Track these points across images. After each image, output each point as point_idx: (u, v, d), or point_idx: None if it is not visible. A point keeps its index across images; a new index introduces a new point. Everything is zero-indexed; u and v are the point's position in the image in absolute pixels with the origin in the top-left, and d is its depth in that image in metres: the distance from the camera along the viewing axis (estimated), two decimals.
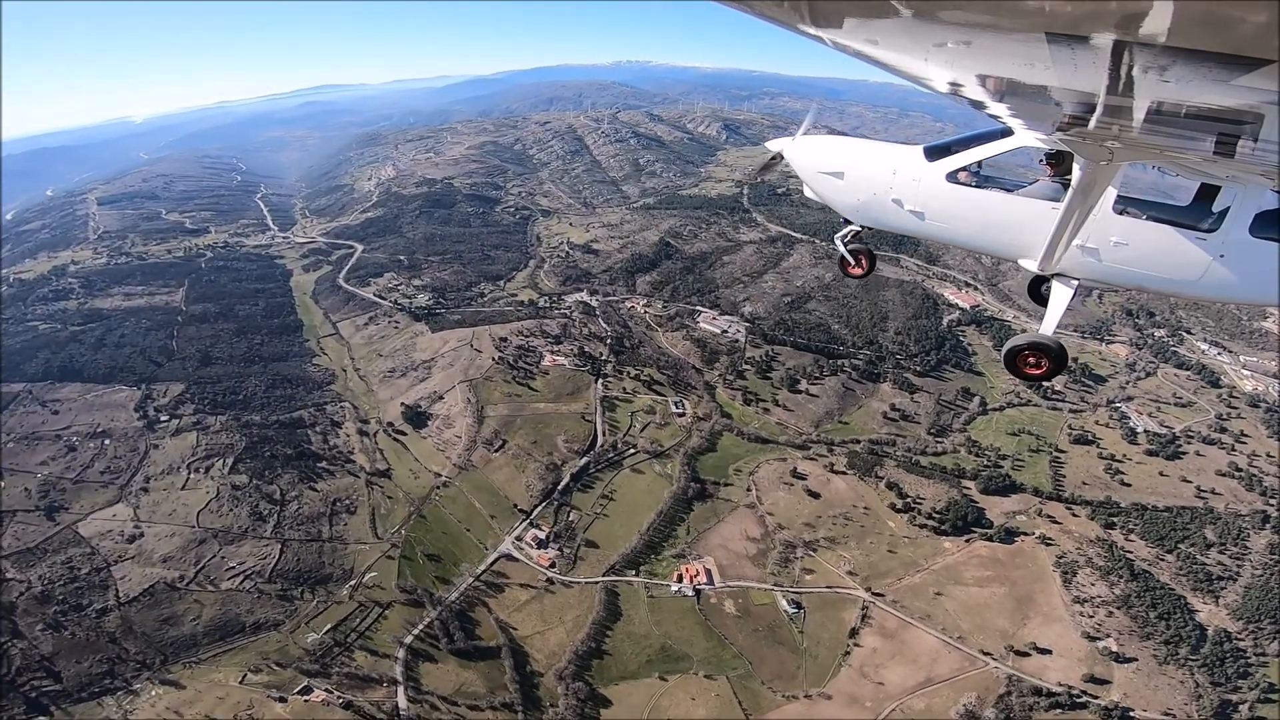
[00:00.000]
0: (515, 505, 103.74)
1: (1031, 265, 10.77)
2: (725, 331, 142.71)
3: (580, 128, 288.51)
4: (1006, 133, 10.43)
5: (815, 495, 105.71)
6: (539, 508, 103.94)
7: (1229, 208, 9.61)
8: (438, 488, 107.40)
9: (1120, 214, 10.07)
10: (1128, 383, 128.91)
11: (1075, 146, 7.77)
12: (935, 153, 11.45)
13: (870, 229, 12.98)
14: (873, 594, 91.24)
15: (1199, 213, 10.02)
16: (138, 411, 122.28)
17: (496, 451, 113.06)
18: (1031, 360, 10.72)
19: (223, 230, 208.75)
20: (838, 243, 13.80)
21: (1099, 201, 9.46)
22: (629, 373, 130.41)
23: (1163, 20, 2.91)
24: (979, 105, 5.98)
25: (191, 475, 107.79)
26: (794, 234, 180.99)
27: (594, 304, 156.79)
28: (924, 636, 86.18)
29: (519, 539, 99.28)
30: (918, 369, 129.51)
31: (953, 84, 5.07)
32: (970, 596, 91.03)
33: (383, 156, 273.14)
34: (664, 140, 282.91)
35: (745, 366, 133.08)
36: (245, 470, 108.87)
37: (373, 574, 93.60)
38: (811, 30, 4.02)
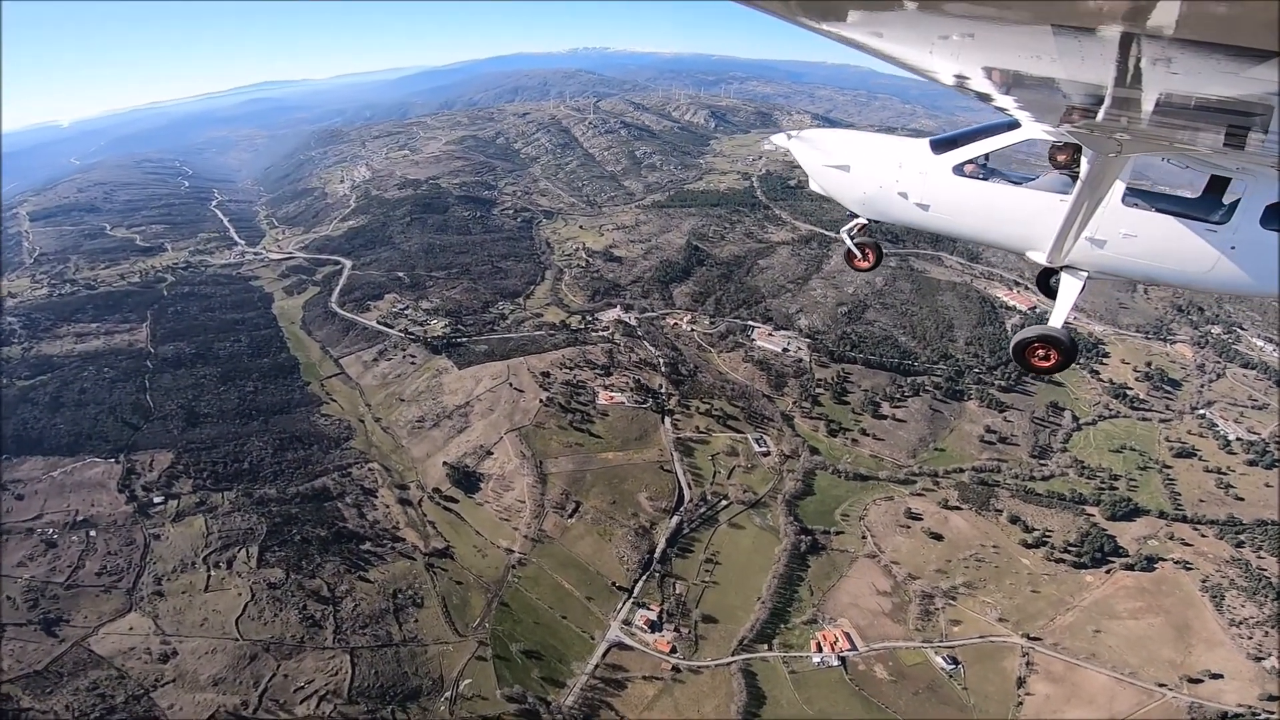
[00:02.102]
0: (613, 583, 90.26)
1: (1040, 258, 10.69)
2: (786, 350, 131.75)
3: (564, 118, 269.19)
4: (1013, 125, 10.18)
5: (938, 537, 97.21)
6: (639, 582, 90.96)
7: (1239, 200, 9.46)
8: (513, 567, 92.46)
9: (1129, 206, 9.89)
10: (1203, 386, 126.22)
11: (1083, 138, 7.78)
12: (942, 145, 11.21)
13: (876, 222, 12.74)
14: (1030, 639, 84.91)
15: (1209, 205, 9.96)
16: (122, 492, 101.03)
17: (571, 517, 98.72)
18: (1041, 353, 10.64)
19: (181, 247, 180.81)
20: (844, 236, 13.68)
21: (1108, 194, 9.31)
22: (697, 407, 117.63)
23: (1170, 12, 2.88)
24: (985, 98, 5.96)
25: (212, 572, 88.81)
26: (826, 232, 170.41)
27: (633, 323, 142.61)
28: (1094, 676, 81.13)
29: (627, 622, 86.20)
30: (1000, 383, 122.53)
31: (958, 76, 5.00)
32: (1129, 630, 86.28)
33: (351, 155, 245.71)
34: (654, 130, 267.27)
35: (818, 390, 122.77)
36: (276, 561, 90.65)
37: (468, 681, 78.52)
38: (815, 23, 3.93)
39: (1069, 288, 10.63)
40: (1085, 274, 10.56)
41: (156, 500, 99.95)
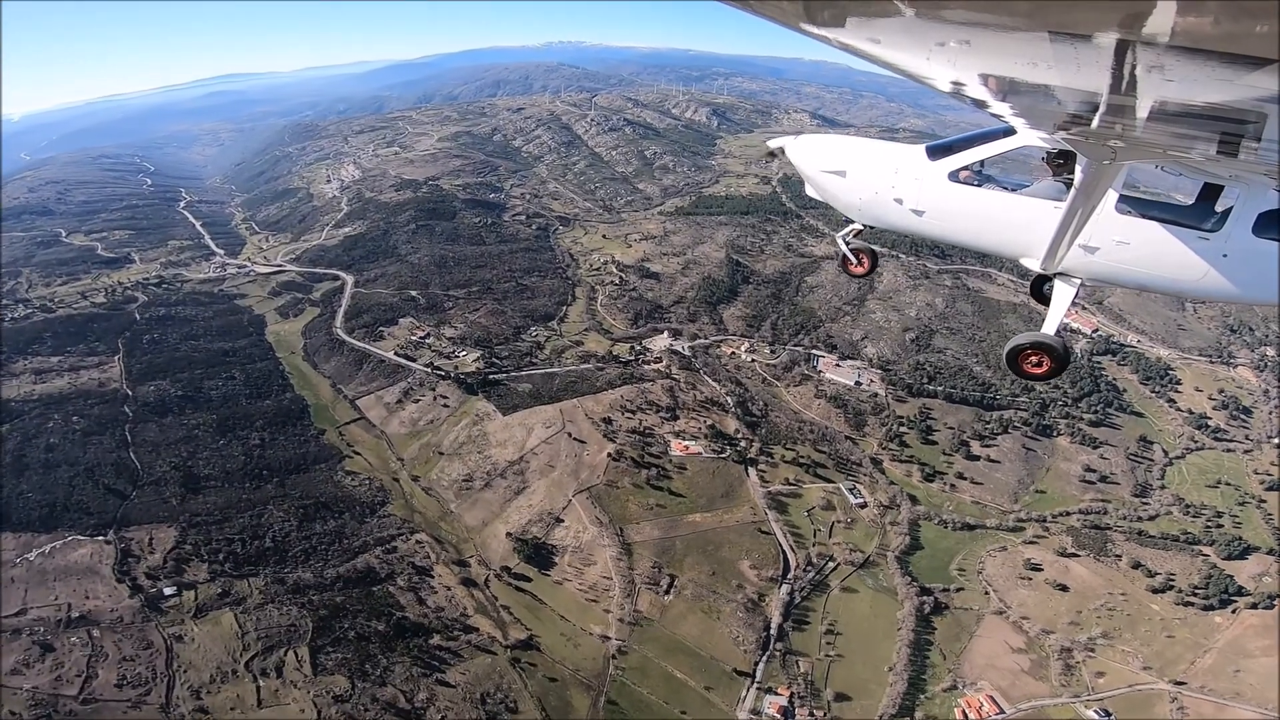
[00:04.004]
0: (733, 669, 79.37)
1: (1034, 264, 10.64)
2: (859, 383, 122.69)
3: (562, 114, 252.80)
4: (1009, 132, 10.22)
5: (1063, 588, 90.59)
6: (760, 664, 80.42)
7: (1232, 208, 9.39)
8: (613, 657, 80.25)
9: (1122, 213, 9.82)
10: (1270, 413, 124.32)
11: (1078, 145, 7.71)
12: (937, 152, 11.16)
13: (872, 228, 12.57)
14: (1176, 684, 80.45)
15: (1202, 213, 9.81)
16: (122, 580, 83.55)
17: (668, 594, 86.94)
18: (1034, 359, 10.55)
19: (150, 258, 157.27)
20: (839, 241, 13.79)
21: (1101, 201, 9.26)
22: (781, 455, 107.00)
23: (1166, 19, 2.90)
24: (981, 104, 5.95)
25: (261, 682, 73.17)
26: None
27: (687, 352, 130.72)
28: (1243, 714, 77.71)
29: (756, 712, 75.60)
30: (1088, 417, 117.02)
31: (955, 83, 5.02)
32: (1264, 667, 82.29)
33: (334, 152, 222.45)
34: (658, 129, 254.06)
35: (901, 429, 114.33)
36: (334, 666, 75.65)
37: None
38: (814, 29, 3.97)
39: (1062, 294, 10.59)
40: (1079, 281, 10.47)
41: (168, 591, 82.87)
